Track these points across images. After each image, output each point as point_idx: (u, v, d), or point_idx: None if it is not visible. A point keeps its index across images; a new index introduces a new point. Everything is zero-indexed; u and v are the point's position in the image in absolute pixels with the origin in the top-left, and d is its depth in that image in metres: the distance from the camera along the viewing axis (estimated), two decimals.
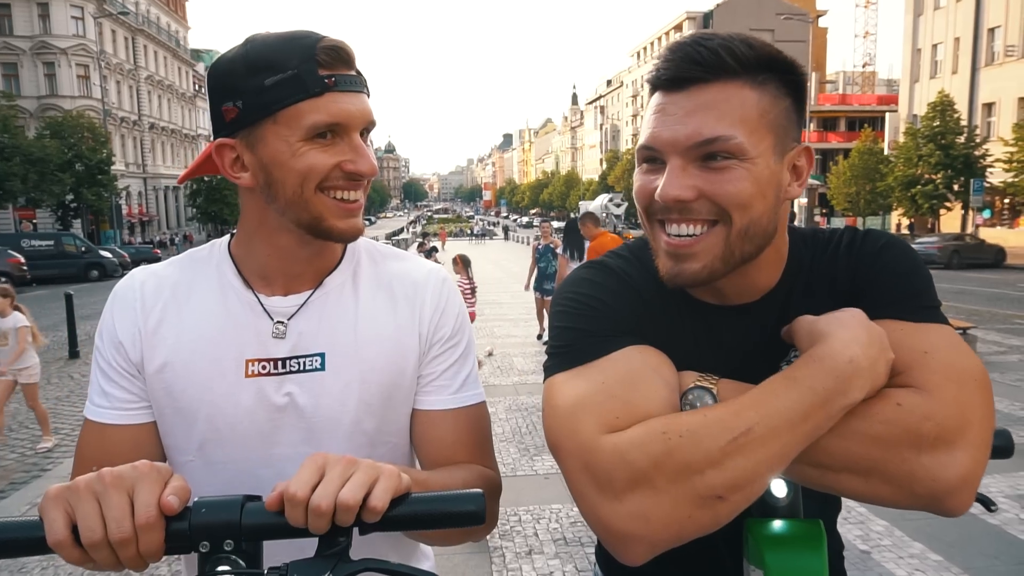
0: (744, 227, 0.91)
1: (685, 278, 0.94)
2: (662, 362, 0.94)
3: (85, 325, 13.28)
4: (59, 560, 4.14)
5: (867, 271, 0.98)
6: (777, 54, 0.92)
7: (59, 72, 43.91)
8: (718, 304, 1.02)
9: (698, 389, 0.92)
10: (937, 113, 31.48)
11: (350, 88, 1.01)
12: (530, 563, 3.97)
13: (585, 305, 0.99)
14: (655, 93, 0.95)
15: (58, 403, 8.22)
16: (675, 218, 0.92)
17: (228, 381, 1.07)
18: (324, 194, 1.02)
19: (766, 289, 1.02)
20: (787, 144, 0.94)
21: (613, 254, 1.09)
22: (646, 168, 0.96)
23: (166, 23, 61.26)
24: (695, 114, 0.89)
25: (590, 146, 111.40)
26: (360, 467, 0.80)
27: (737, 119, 0.89)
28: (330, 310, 1.11)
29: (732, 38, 0.91)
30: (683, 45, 0.92)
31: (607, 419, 0.87)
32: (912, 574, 3.74)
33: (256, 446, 1.08)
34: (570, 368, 0.94)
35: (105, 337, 1.11)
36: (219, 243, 1.17)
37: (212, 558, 0.77)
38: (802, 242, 1.05)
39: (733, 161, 0.89)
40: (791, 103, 0.94)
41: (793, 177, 0.96)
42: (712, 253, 0.92)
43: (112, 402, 1.10)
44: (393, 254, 1.23)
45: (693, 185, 0.90)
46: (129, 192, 48.16)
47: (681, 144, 0.90)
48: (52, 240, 28.18)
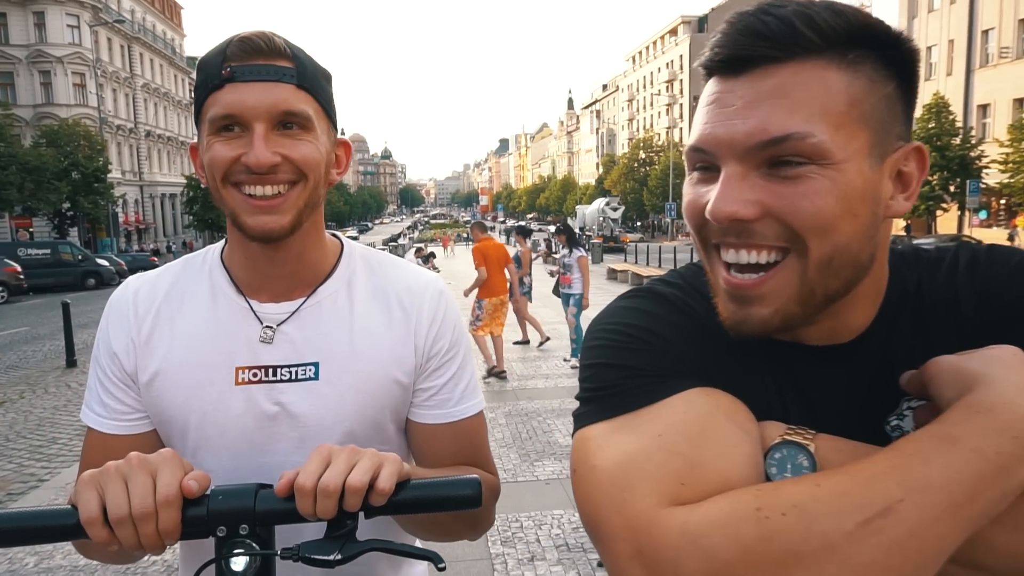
0: (826, 258, 0.69)
1: (752, 326, 0.72)
2: (738, 408, 0.72)
3: (82, 334, 13.25)
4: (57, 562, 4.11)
5: (1004, 294, 0.74)
6: (876, 23, 0.70)
7: (55, 80, 43.94)
8: (801, 343, 0.79)
9: (789, 445, 0.70)
10: (932, 115, 31.56)
11: (251, 78, 0.98)
12: (532, 570, 3.95)
13: (634, 338, 0.77)
14: (710, 79, 0.73)
15: (55, 412, 8.19)
16: (732, 242, 0.71)
17: (218, 389, 1.06)
18: (236, 189, 1.00)
19: (861, 327, 0.78)
20: (889, 143, 0.71)
21: (662, 281, 0.85)
22: (697, 177, 0.74)
23: (162, 31, 61.37)
24: (760, 105, 0.67)
25: (586, 150, 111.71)
26: (365, 454, 0.85)
27: (817, 111, 0.67)
28: (324, 319, 1.10)
29: (812, 4, 0.68)
30: (745, 15, 0.69)
31: (670, 487, 0.65)
32: None
33: (247, 455, 1.07)
34: (613, 417, 0.72)
35: (101, 347, 1.13)
36: (213, 249, 1.17)
37: (228, 542, 0.83)
38: (903, 264, 0.81)
39: (811, 167, 0.67)
40: (895, 88, 0.71)
41: (898, 188, 0.73)
42: (785, 294, 0.70)
43: (110, 412, 1.11)
44: (391, 262, 1.22)
45: (756, 200, 0.68)
46: (126, 200, 48.21)
47: (740, 144, 0.68)
48: (49, 249, 28.13)
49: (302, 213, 1.03)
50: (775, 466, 0.69)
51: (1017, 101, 32.45)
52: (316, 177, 1.03)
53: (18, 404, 8.63)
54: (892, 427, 0.75)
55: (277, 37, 1.01)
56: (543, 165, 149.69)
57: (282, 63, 1.00)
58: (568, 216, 70.97)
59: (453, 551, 3.96)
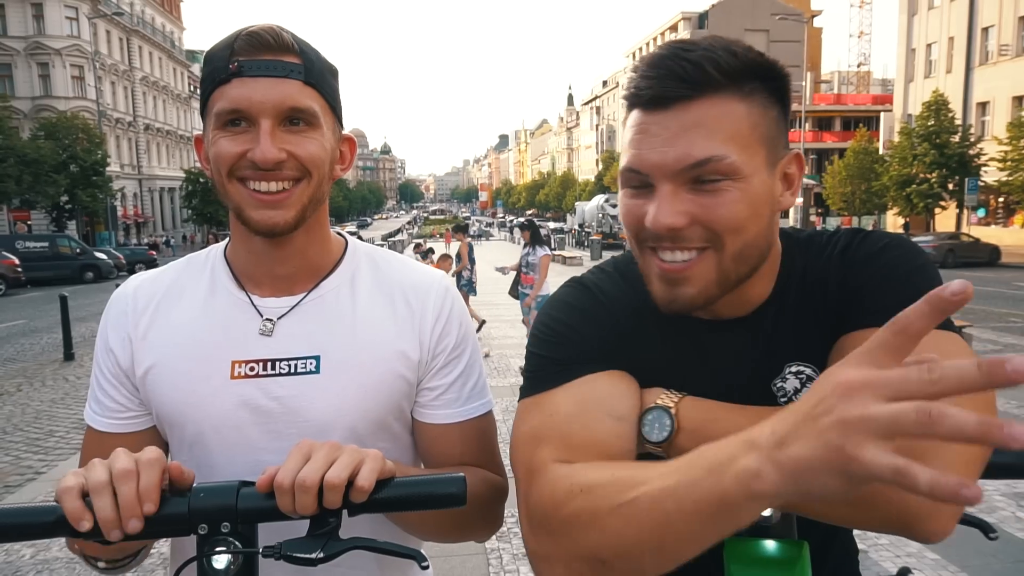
0: (738, 251, 0.86)
1: (681, 304, 0.89)
2: (615, 391, 0.91)
3: (80, 327, 13.25)
4: (54, 565, 4.13)
5: (858, 275, 0.90)
6: (761, 59, 0.86)
7: (53, 73, 43.82)
8: (708, 319, 0.97)
9: (657, 410, 0.90)
10: (932, 112, 31.57)
11: (259, 73, 0.97)
12: (527, 564, 3.95)
13: (553, 331, 0.97)
14: (634, 110, 0.88)
15: (53, 405, 8.19)
16: (667, 245, 0.87)
17: (213, 383, 1.05)
18: (241, 184, 1.00)
19: (759, 301, 0.96)
20: (778, 153, 0.89)
21: (598, 269, 1.06)
22: (632, 192, 0.90)
23: (161, 24, 61.15)
24: (683, 135, 0.83)
25: (586, 147, 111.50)
26: (345, 450, 0.84)
27: (728, 136, 0.83)
28: (326, 313, 1.09)
29: (714, 47, 0.84)
30: (663, 59, 0.85)
31: (554, 452, 0.86)
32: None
33: (243, 451, 1.05)
34: (533, 395, 0.94)
35: (99, 344, 1.13)
36: (217, 247, 1.17)
37: (210, 540, 0.82)
38: (796, 248, 0.98)
39: (727, 182, 0.83)
40: (779, 111, 0.88)
41: (785, 186, 0.91)
42: (706, 278, 0.87)
43: (104, 410, 1.11)
44: (396, 259, 1.20)
45: (685, 211, 0.84)
46: (124, 193, 48.05)
47: (670, 168, 0.84)
48: (47, 242, 28.12)
49: (306, 209, 1.03)
50: (647, 424, 0.90)
51: (1016, 99, 32.44)
52: (320, 174, 1.03)
53: (15, 397, 8.64)
54: (777, 388, 0.94)
55: (285, 32, 1.00)
56: (543, 161, 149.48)
57: (289, 59, 1.00)
58: (568, 213, 70.83)
59: (447, 547, 3.97)
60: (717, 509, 0.67)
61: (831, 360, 0.89)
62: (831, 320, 0.91)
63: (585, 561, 0.78)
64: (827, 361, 0.90)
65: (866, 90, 68.53)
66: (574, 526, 0.78)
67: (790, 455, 0.60)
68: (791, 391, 0.93)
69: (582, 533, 0.78)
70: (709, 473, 0.67)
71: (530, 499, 0.85)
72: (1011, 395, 7.38)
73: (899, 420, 0.52)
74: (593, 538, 0.77)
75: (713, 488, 0.66)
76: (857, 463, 0.54)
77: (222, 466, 1.06)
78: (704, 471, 0.68)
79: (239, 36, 0.99)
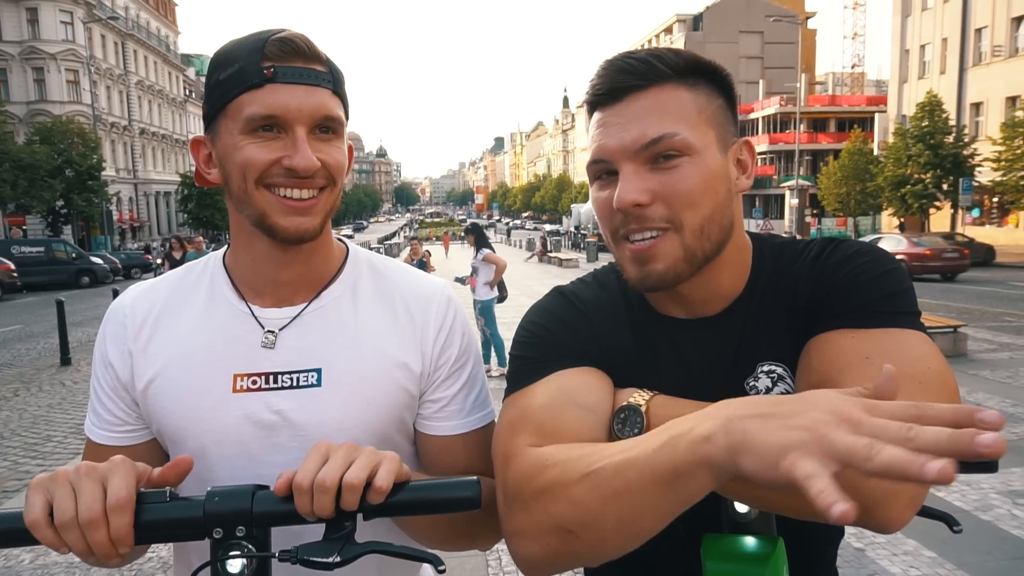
0: (698, 226, 0.92)
1: (652, 281, 0.95)
2: (584, 384, 0.96)
3: (76, 332, 13.22)
4: (54, 567, 4.12)
5: (826, 282, 0.94)
6: (701, 59, 0.96)
7: (48, 77, 43.75)
8: (684, 318, 1.02)
9: (628, 408, 0.94)
10: (926, 113, 31.62)
11: (294, 80, 0.96)
12: None
13: (532, 335, 1.04)
14: (594, 112, 0.97)
15: (50, 410, 8.17)
16: (634, 228, 0.93)
17: (215, 397, 1.03)
18: (268, 190, 0.99)
19: (731, 299, 1.01)
20: (728, 139, 0.97)
21: (579, 281, 1.13)
22: (600, 184, 0.98)
23: (156, 28, 61.08)
24: (637, 119, 0.92)
25: (581, 149, 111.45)
26: (363, 452, 0.84)
27: (678, 117, 0.91)
28: (328, 324, 1.08)
29: (657, 49, 0.95)
30: (612, 61, 0.96)
31: (527, 439, 0.91)
32: (907, 571, 3.76)
33: (244, 465, 1.04)
34: (513, 392, 1.00)
35: (97, 357, 1.11)
36: (215, 255, 1.15)
37: (225, 544, 0.81)
38: (768, 250, 1.04)
39: (683, 158, 0.91)
40: (724, 102, 0.97)
41: (739, 171, 0.99)
42: (673, 255, 0.93)
43: (102, 423, 1.10)
44: (397, 267, 1.19)
45: (648, 188, 0.91)
46: (120, 198, 48.00)
47: (629, 149, 0.92)
48: (42, 246, 28.04)
49: (328, 215, 1.04)
50: (619, 423, 0.94)
51: (1010, 99, 32.55)
52: (342, 182, 1.04)
53: (12, 402, 8.61)
54: (749, 387, 0.98)
55: (310, 40, 0.99)
56: (538, 163, 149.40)
57: (319, 67, 0.99)
58: (563, 215, 70.72)
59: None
60: (671, 477, 0.71)
61: (801, 360, 0.93)
62: (801, 322, 0.94)
63: (554, 532, 0.82)
64: (798, 361, 0.94)
65: (860, 91, 68.73)
66: (544, 497, 0.83)
67: (744, 428, 0.65)
68: (763, 389, 0.97)
69: (552, 503, 0.82)
70: (668, 441, 0.72)
71: (507, 479, 0.90)
72: (1009, 395, 7.41)
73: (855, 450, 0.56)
74: (561, 508, 0.81)
75: (669, 456, 0.71)
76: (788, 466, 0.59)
77: (223, 480, 1.03)
78: (663, 441, 0.73)
79: (267, 41, 0.97)
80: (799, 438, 0.60)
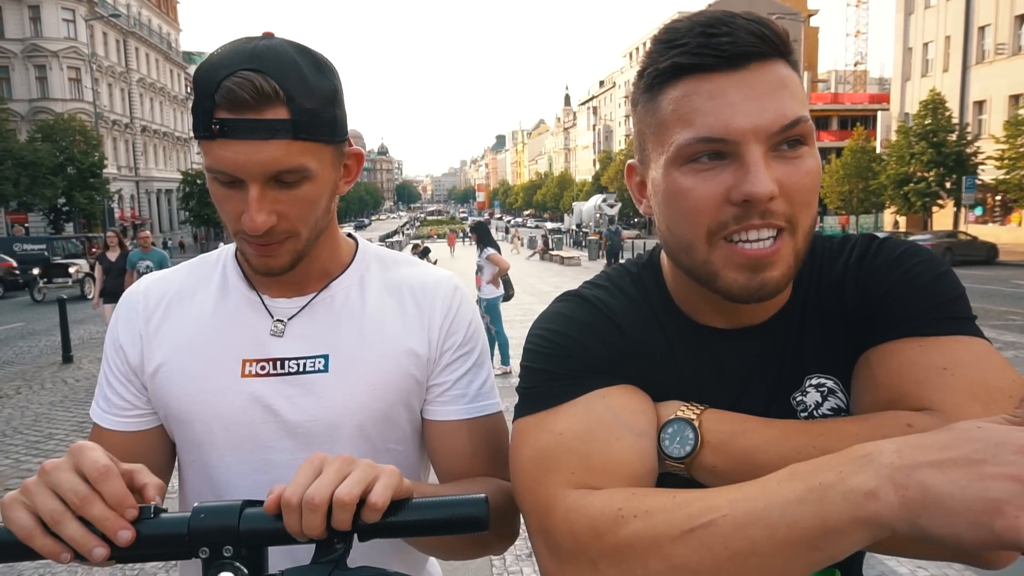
0: (807, 228, 0.80)
1: (768, 289, 0.79)
2: (631, 405, 0.83)
3: (78, 329, 13.23)
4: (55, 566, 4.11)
5: (880, 284, 0.84)
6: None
7: (50, 75, 43.72)
8: (723, 328, 0.89)
9: (678, 422, 0.82)
10: (929, 111, 31.60)
11: (242, 136, 0.90)
12: (531, 565, 3.96)
13: (554, 344, 0.87)
14: (683, 79, 0.77)
15: (52, 408, 8.16)
16: (756, 224, 0.76)
17: (223, 381, 1.05)
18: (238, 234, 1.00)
19: (779, 304, 0.89)
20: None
21: (591, 283, 0.97)
22: (696, 168, 0.78)
23: (157, 25, 61.09)
24: (771, 95, 0.75)
25: (583, 147, 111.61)
26: (358, 465, 0.76)
27: (801, 98, 0.77)
28: (335, 312, 1.10)
29: (757, 17, 0.79)
30: (721, 22, 0.76)
31: (565, 476, 0.77)
32: (915, 572, 3.74)
33: (251, 449, 1.05)
34: (534, 413, 0.85)
35: (109, 341, 1.13)
36: (228, 247, 1.17)
37: (215, 564, 0.75)
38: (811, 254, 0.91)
39: (806, 148, 0.77)
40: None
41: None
42: (787, 261, 0.79)
43: (111, 407, 1.11)
44: (404, 260, 1.21)
45: (776, 179, 0.75)
46: (121, 195, 48.02)
47: (764, 131, 0.74)
48: (44, 244, 28.04)
49: (301, 252, 1.03)
50: (667, 439, 0.82)
51: (1013, 97, 32.52)
52: (313, 222, 1.02)
53: (14, 400, 8.61)
54: (796, 402, 0.87)
55: (268, 80, 0.90)
56: (540, 162, 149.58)
57: (274, 114, 0.91)
58: (565, 213, 70.82)
59: None
60: (817, 535, 0.60)
61: (857, 374, 0.84)
62: (852, 330, 0.85)
63: None
64: (853, 374, 0.85)
65: (863, 89, 68.64)
66: (627, 557, 0.69)
67: (921, 481, 0.55)
68: (811, 405, 0.87)
69: (639, 562, 0.69)
70: (809, 492, 0.60)
71: (553, 530, 0.76)
72: None
73: None
74: (653, 567, 0.68)
75: (814, 510, 0.60)
76: (1009, 525, 0.51)
77: (231, 464, 1.06)
78: (802, 491, 0.61)
79: (220, 84, 0.90)
80: (1009, 489, 0.52)
